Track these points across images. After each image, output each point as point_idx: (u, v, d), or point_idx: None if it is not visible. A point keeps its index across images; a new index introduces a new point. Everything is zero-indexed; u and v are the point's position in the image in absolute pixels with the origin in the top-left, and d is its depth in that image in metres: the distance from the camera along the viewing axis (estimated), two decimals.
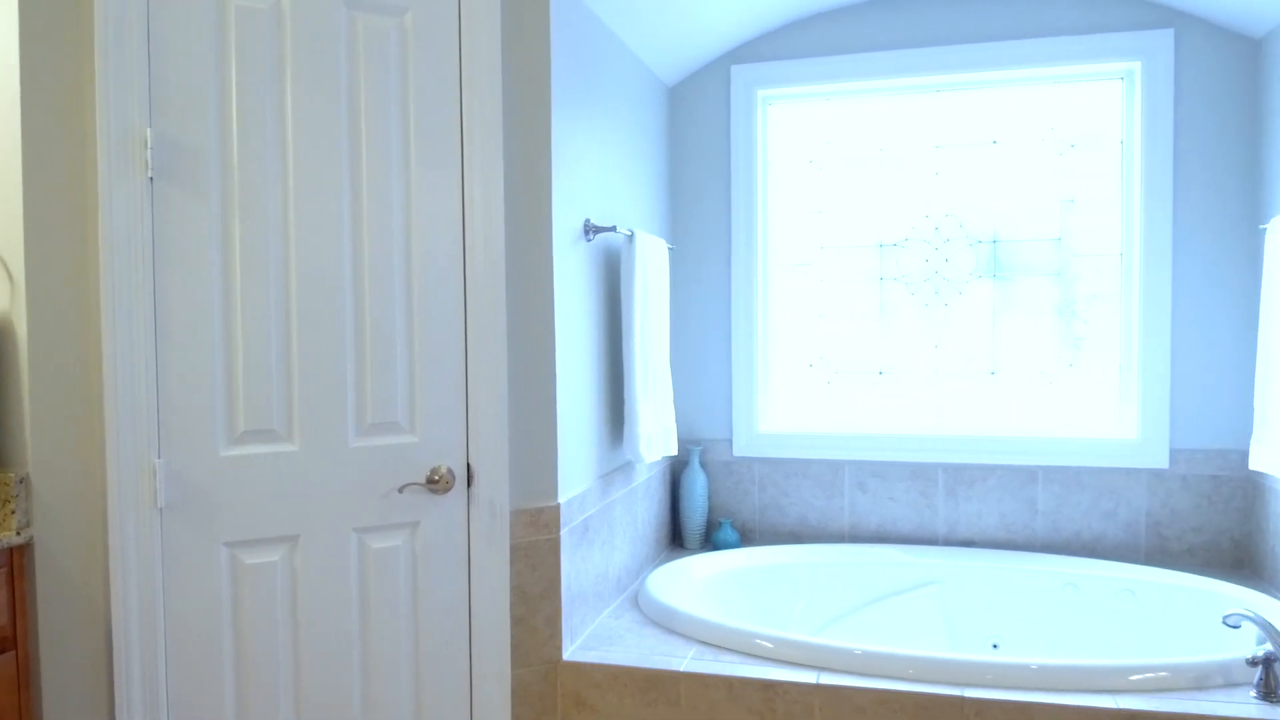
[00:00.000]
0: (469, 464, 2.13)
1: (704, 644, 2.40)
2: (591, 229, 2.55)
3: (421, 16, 2.05)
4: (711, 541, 3.29)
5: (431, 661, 2.11)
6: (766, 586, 3.02)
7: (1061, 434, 3.07)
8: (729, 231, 3.36)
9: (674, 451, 3.02)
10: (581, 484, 2.51)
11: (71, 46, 1.86)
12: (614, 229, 2.58)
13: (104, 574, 1.90)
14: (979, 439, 3.11)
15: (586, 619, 2.52)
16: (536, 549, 2.29)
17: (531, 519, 2.29)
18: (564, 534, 2.35)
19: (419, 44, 2.06)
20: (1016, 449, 3.08)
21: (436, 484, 2.07)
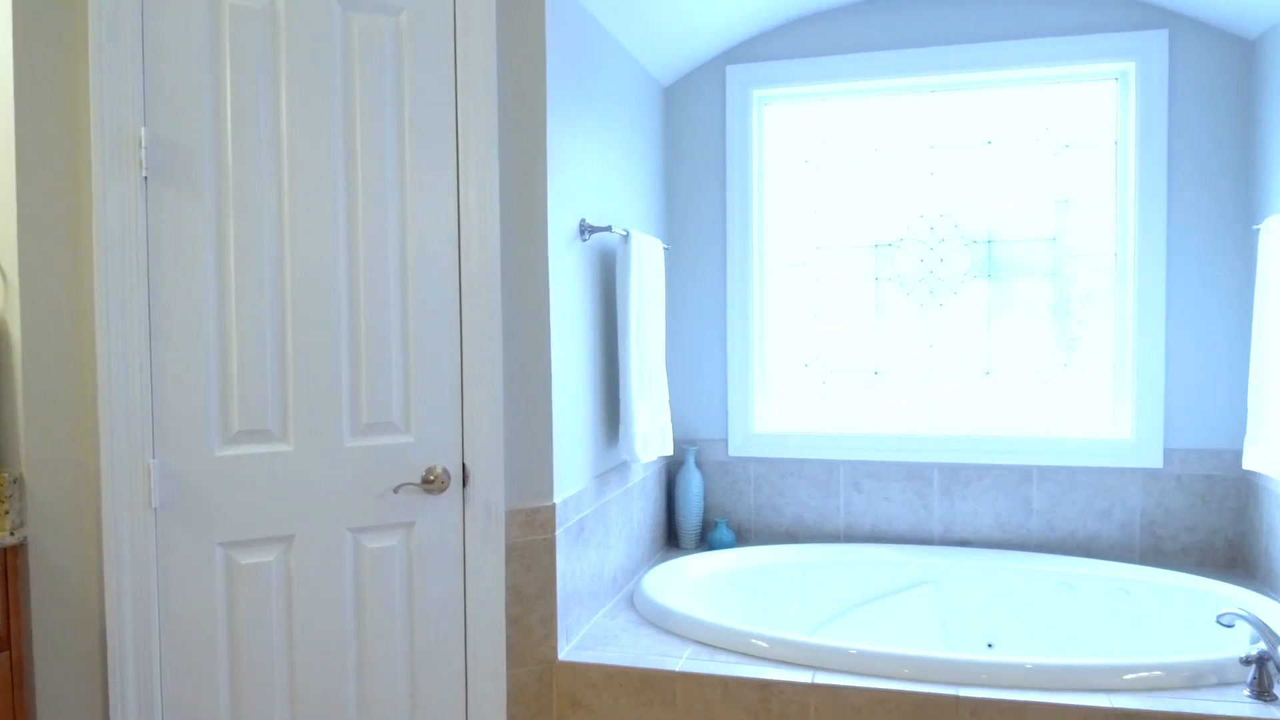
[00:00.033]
0: (464, 464, 2.13)
1: (699, 644, 2.40)
2: (587, 229, 2.55)
3: (416, 16, 2.05)
4: (707, 541, 3.29)
5: (427, 661, 2.11)
6: (762, 586, 3.02)
7: (1056, 434, 3.08)
8: (724, 231, 3.36)
9: (669, 451, 3.02)
10: (577, 484, 2.51)
11: (66, 45, 1.86)
12: (609, 229, 2.58)
13: (98, 574, 1.89)
14: (974, 439, 3.11)
15: (582, 619, 2.52)
16: (532, 549, 2.29)
17: (527, 519, 2.29)
18: (559, 534, 2.35)
19: (414, 44, 2.05)
20: (1011, 449, 3.08)
21: (432, 484, 2.07)
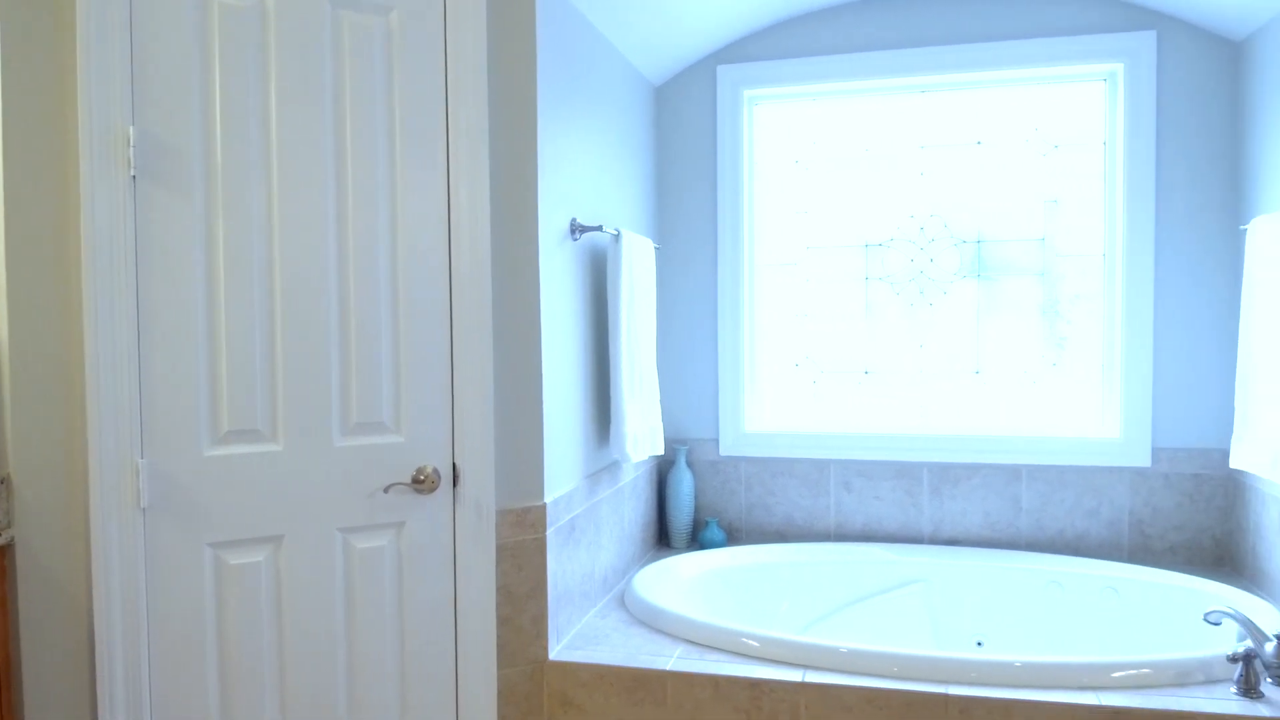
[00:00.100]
0: (455, 464, 2.13)
1: (690, 643, 2.40)
2: (578, 228, 2.55)
3: (407, 14, 2.05)
4: (698, 541, 3.30)
5: (417, 662, 2.11)
6: (753, 585, 3.02)
7: (1045, 433, 3.09)
8: (715, 231, 3.36)
9: (660, 451, 3.02)
10: (568, 484, 2.51)
11: (53, 43, 1.85)
12: (600, 228, 2.58)
13: (86, 575, 1.88)
14: (964, 438, 3.12)
15: (573, 618, 2.52)
16: (522, 549, 2.29)
17: (517, 519, 2.28)
18: (550, 534, 2.35)
19: (404, 42, 2.05)
20: (1001, 448, 3.10)
21: (422, 484, 2.07)
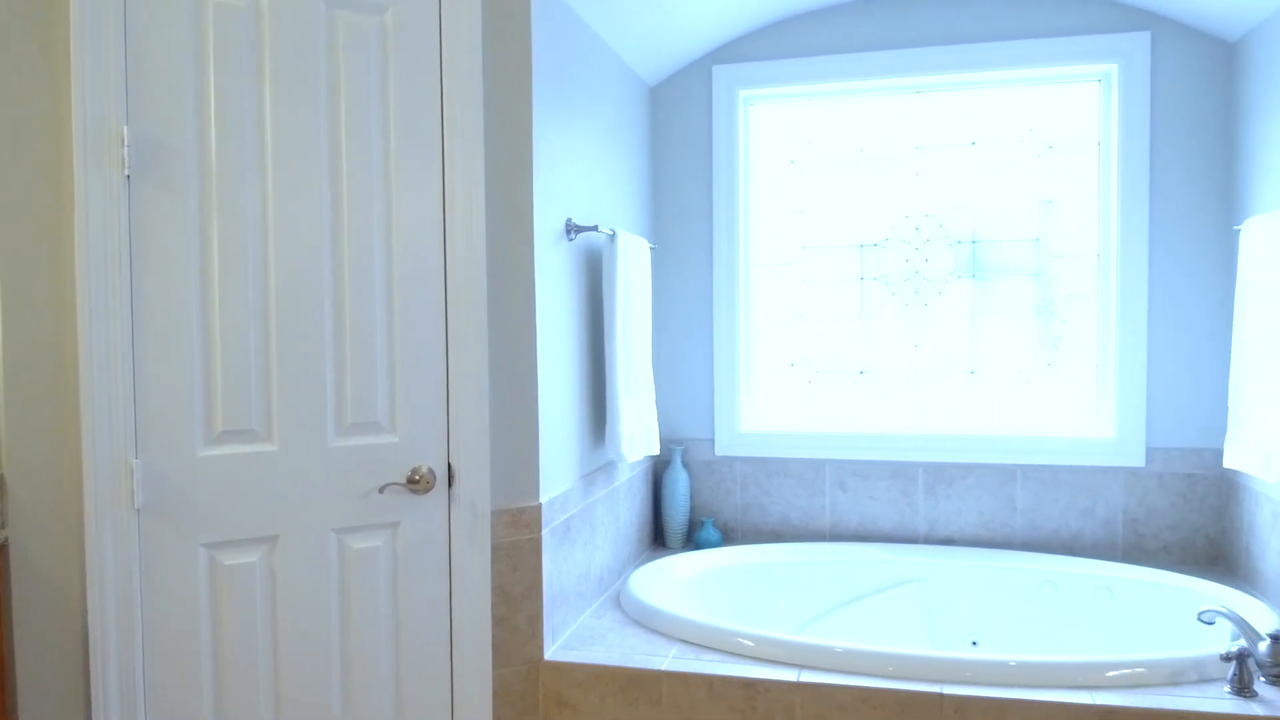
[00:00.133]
0: (450, 464, 2.12)
1: (685, 643, 2.41)
2: (573, 228, 2.55)
3: (402, 14, 2.05)
4: (693, 541, 3.30)
5: (412, 662, 2.11)
6: (748, 585, 3.02)
7: (1040, 433, 3.10)
8: (710, 231, 3.36)
9: (656, 451, 3.02)
10: (563, 484, 2.51)
11: (47, 41, 1.84)
12: (596, 228, 2.58)
13: (81, 575, 1.88)
14: (958, 438, 3.13)
15: (568, 619, 2.52)
16: (518, 549, 2.29)
17: (513, 519, 2.28)
18: (545, 534, 2.35)
19: (399, 42, 2.05)
20: (995, 448, 3.10)
21: (417, 484, 2.06)
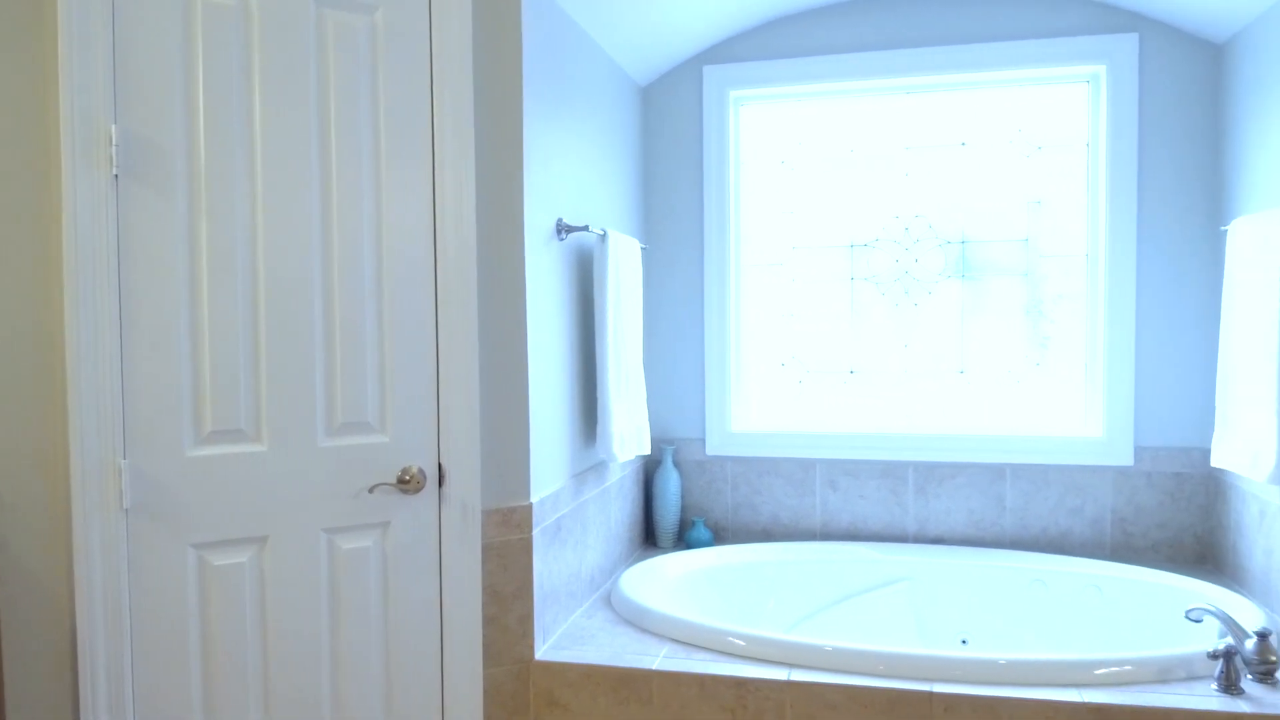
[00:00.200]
0: (440, 464, 2.12)
1: (676, 642, 2.41)
2: (564, 228, 2.55)
3: (392, 14, 2.04)
4: (684, 540, 3.30)
5: (402, 662, 2.10)
6: (739, 584, 3.03)
7: (1029, 432, 3.11)
8: (701, 231, 3.37)
9: (647, 451, 3.02)
10: (554, 483, 2.51)
11: (35, 40, 1.83)
12: (586, 228, 2.58)
13: (69, 576, 1.87)
14: (948, 437, 3.14)
15: (559, 618, 2.52)
16: (508, 549, 2.29)
17: (503, 519, 2.28)
18: (536, 533, 2.35)
19: (389, 42, 2.05)
20: (985, 447, 3.11)
21: (407, 484, 2.06)
